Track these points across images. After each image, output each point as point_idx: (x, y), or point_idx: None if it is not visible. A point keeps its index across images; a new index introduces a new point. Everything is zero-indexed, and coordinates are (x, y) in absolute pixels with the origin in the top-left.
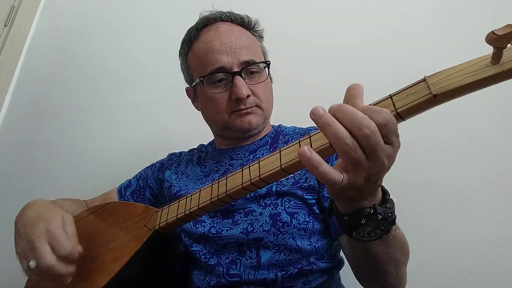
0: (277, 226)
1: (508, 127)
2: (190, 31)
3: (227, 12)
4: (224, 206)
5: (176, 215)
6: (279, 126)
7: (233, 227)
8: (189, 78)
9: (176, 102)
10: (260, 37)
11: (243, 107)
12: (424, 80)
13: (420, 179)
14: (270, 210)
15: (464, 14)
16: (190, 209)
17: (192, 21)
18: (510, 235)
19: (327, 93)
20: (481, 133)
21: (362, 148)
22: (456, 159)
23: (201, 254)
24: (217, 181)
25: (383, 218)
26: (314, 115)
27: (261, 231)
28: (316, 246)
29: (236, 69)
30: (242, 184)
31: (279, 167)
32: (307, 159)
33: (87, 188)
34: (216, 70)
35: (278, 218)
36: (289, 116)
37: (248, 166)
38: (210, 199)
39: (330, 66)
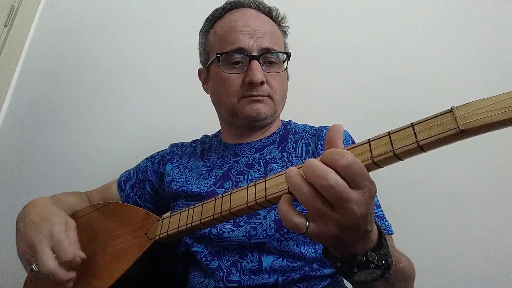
0: (282, 232)
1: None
2: (215, 10)
3: (257, 0)
4: (226, 222)
5: (177, 228)
6: (289, 122)
7: (235, 229)
8: (204, 57)
9: (176, 101)
10: (284, 33)
11: (254, 93)
12: (451, 111)
13: (419, 180)
14: (275, 214)
15: (467, 15)
16: (192, 222)
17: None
18: (510, 235)
19: (331, 95)
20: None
21: (326, 198)
22: (455, 159)
23: (202, 255)
24: (221, 196)
25: (376, 266)
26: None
27: (264, 235)
28: (321, 253)
29: (255, 53)
30: (247, 203)
31: (287, 190)
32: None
33: (87, 188)
34: (235, 50)
35: (283, 224)
36: (295, 116)
37: (254, 184)
38: (213, 215)
39: (335, 67)
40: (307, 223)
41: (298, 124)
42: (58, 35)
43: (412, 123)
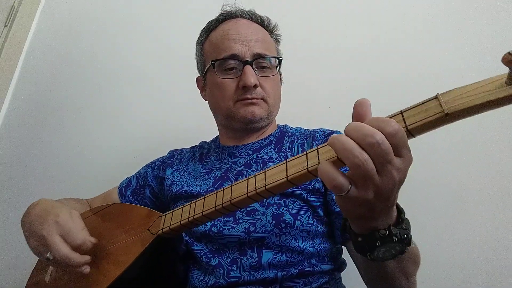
0: (280, 227)
1: (509, 125)
2: (210, 22)
3: (249, 11)
4: (228, 214)
5: (180, 221)
6: (285, 126)
7: (235, 225)
8: (201, 66)
9: (176, 101)
10: (277, 41)
11: (248, 96)
12: (436, 97)
13: (420, 178)
14: (273, 210)
15: (467, 14)
16: (194, 215)
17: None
18: (510, 235)
19: (331, 95)
20: (483, 131)
21: (371, 157)
22: (456, 158)
23: (202, 253)
24: (222, 189)
25: (398, 240)
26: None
27: (263, 231)
28: (319, 248)
29: (248, 59)
30: (247, 193)
31: (285, 179)
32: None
33: (87, 188)
34: (228, 57)
35: (281, 218)
36: (294, 117)
37: (254, 175)
38: (215, 207)
39: (334, 67)
40: (350, 185)
41: (294, 128)
42: (58, 35)
43: (401, 110)
